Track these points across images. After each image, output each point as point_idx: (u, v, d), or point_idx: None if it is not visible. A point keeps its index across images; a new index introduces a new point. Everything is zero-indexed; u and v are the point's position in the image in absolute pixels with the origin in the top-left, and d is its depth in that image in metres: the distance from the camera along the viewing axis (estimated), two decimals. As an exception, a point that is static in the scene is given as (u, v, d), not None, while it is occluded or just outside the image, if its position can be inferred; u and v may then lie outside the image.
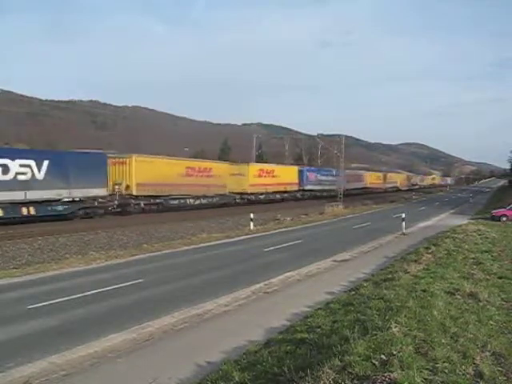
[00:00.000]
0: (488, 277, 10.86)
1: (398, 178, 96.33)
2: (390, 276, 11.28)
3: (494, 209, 32.72)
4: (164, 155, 37.18)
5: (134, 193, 28.78)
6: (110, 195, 27.18)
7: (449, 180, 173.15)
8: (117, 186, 27.73)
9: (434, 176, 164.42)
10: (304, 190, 52.30)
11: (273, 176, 45.59)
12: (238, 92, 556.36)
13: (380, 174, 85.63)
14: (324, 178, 57.40)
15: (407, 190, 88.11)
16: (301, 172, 52.17)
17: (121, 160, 29.10)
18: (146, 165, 29.74)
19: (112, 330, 8.35)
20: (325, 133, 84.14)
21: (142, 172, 29.02)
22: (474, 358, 5.52)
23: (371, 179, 75.41)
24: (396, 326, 6.35)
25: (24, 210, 22.41)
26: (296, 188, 50.16)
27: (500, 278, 10.92)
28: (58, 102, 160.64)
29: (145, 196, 29.88)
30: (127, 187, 28.47)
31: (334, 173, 58.44)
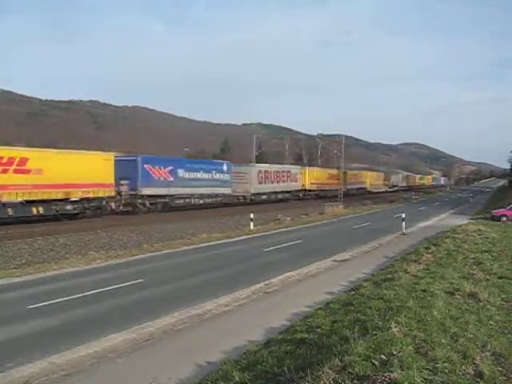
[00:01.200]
0: (488, 277, 10.86)
1: (366, 178, 75.52)
2: (390, 276, 11.28)
3: (494, 209, 32.73)
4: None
5: None
6: None
7: (443, 180, 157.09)
8: None
9: (421, 175, 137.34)
10: (139, 197, 30.16)
11: (18, 170, 23.21)
12: (238, 92, 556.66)
13: (334, 172, 61.44)
14: (202, 175, 35.76)
15: (383, 193, 74.35)
16: (128, 164, 29.39)
17: None
18: None
19: (112, 330, 8.34)
20: (325, 133, 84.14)
21: None
22: (474, 358, 5.51)
23: (314, 178, 54.89)
24: (396, 326, 6.35)
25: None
26: (108, 193, 27.64)
27: (500, 278, 10.93)
28: (58, 102, 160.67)
29: None
30: None
31: (226, 168, 39.27)
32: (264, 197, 44.27)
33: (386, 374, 4.65)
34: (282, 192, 48.01)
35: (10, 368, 6.68)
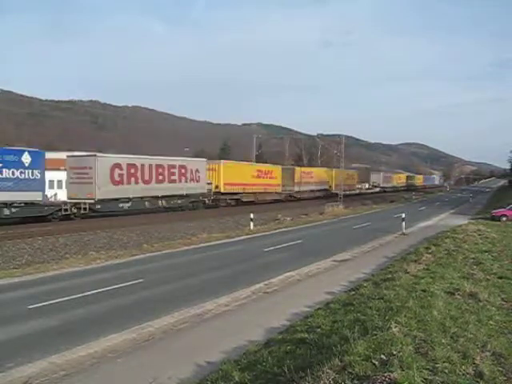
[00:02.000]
0: (488, 277, 10.85)
1: (329, 177, 58.23)
2: (389, 276, 11.28)
3: (494, 209, 32.73)
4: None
5: None
6: None
7: (437, 179, 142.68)
8: None
9: (409, 174, 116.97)
10: None
11: None
12: (238, 92, 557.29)
13: (267, 168, 46.68)
14: None
15: (356, 195, 60.62)
16: None
17: None
18: None
19: (112, 330, 8.35)
20: (325, 133, 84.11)
21: None
22: (474, 358, 5.51)
23: (232, 178, 38.56)
24: (396, 326, 6.35)
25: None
26: None
27: (500, 277, 10.92)
28: (58, 102, 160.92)
29: None
30: None
31: (29, 159, 23.84)
32: (126, 205, 28.79)
33: (386, 374, 4.64)
34: (171, 197, 32.07)
35: (10, 368, 6.68)
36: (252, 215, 25.12)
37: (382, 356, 5.27)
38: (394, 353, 5.32)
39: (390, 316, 7.08)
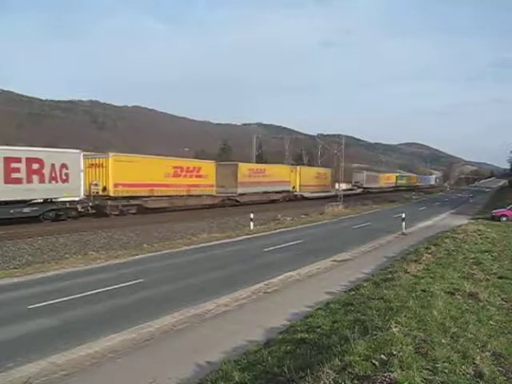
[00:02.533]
0: (488, 277, 10.86)
1: (289, 175, 47.89)
2: (389, 276, 11.28)
3: (494, 209, 32.74)
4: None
5: None
6: None
7: (433, 179, 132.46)
8: None
9: (399, 174, 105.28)
10: None
11: None
12: (237, 92, 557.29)
13: (194, 164, 36.09)
14: None
15: (323, 199, 46.49)
16: None
17: None
18: None
19: (112, 330, 8.34)
20: (325, 133, 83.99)
21: None
22: (474, 358, 5.50)
23: (127, 175, 28.24)
24: (396, 326, 6.35)
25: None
26: None
27: (500, 278, 10.92)
28: (59, 102, 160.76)
29: None
30: None
31: None
32: None
33: (386, 374, 4.65)
34: (10, 204, 22.02)
35: (10, 368, 6.68)
36: (252, 215, 25.17)
37: (382, 356, 5.27)
38: (394, 353, 5.32)
39: (390, 316, 7.08)
